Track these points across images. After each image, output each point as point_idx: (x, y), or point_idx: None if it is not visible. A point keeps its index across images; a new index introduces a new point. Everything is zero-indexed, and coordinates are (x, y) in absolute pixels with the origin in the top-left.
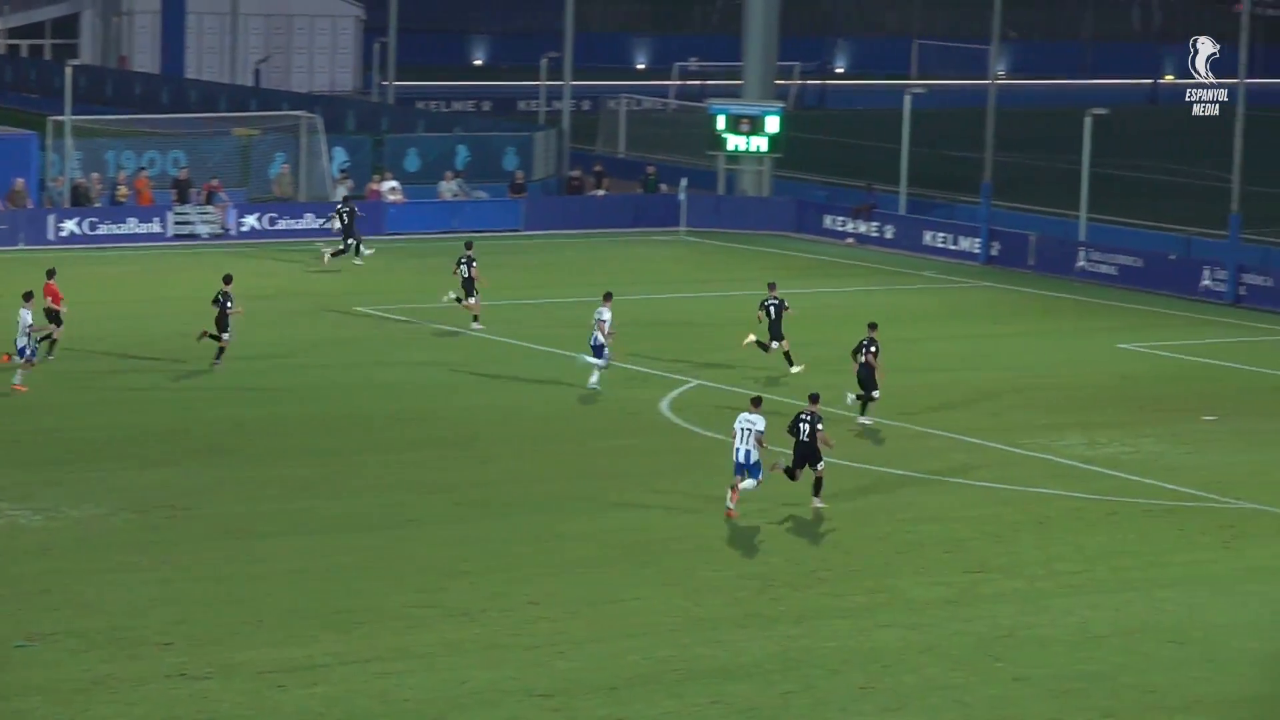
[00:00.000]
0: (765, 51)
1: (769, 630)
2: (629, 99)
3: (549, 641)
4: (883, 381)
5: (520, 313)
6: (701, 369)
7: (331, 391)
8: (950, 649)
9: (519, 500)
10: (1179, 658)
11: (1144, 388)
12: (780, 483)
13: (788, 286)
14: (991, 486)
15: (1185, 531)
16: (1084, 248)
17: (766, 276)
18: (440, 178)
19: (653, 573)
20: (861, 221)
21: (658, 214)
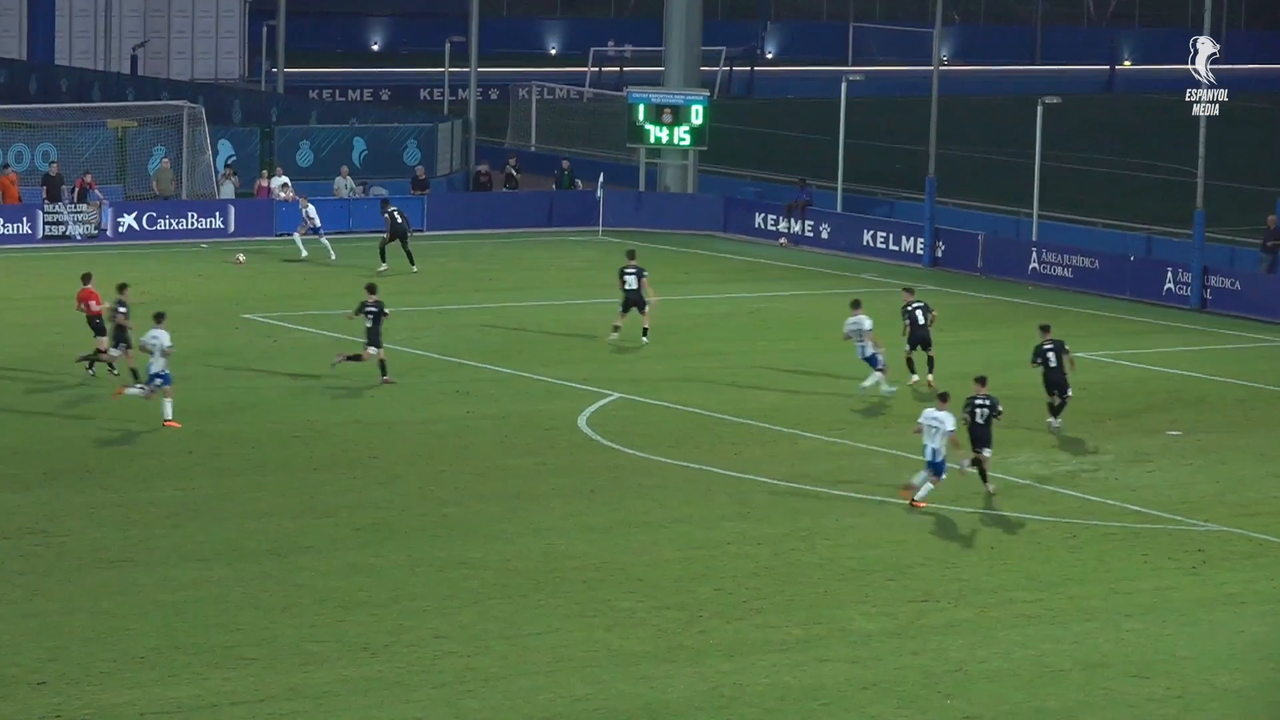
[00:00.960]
0: (688, 36)
1: (697, 665)
2: (541, 87)
3: (457, 679)
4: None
5: (423, 320)
6: (623, 381)
7: (216, 407)
8: (896, 685)
9: (423, 525)
10: (1143, 693)
11: (1103, 400)
12: (716, 503)
13: (715, 290)
14: (938, 508)
15: (1149, 556)
16: (1036, 248)
17: (693, 279)
18: (335, 173)
19: (568, 603)
20: (795, 220)
21: (573, 212)
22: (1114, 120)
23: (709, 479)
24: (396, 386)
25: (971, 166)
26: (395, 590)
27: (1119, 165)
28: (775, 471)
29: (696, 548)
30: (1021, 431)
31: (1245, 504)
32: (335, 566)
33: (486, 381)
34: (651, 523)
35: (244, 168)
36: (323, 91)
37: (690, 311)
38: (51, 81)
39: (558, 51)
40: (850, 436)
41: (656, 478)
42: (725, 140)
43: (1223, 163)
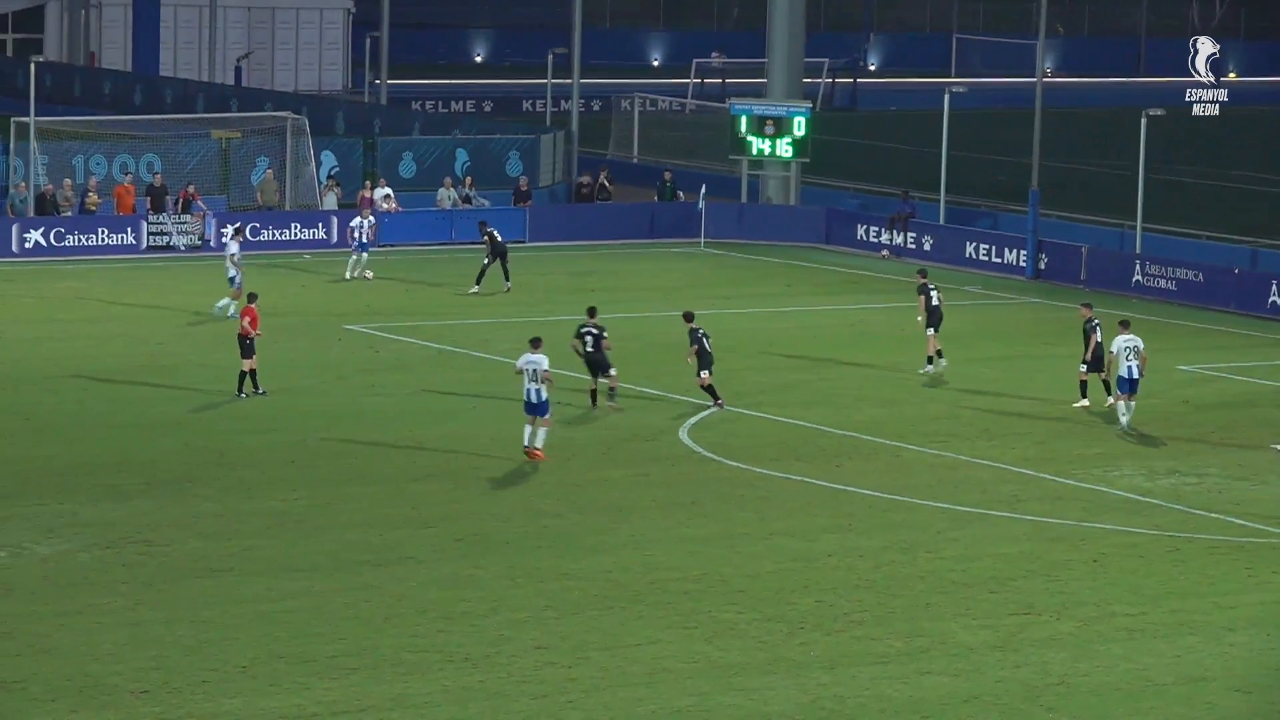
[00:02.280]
0: (791, 47)
1: (798, 678)
2: (643, 99)
3: (558, 689)
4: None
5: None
6: (724, 393)
7: (318, 417)
8: (997, 698)
9: (524, 536)
10: (1247, 708)
11: (1207, 413)
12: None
13: (817, 303)
14: (1041, 521)
15: (1253, 570)
16: (1140, 261)
17: (796, 291)
18: (438, 184)
19: (669, 615)
20: (898, 232)
21: (675, 224)
22: (1219, 131)
23: (810, 491)
24: (496, 398)
25: (1075, 178)
26: (496, 601)
27: (1224, 177)
28: (876, 484)
29: (797, 560)
30: (1124, 443)
31: None
32: (436, 577)
33: (586, 394)
34: (752, 534)
35: (346, 179)
36: (425, 103)
37: (791, 323)
38: (156, 93)
39: (660, 63)
40: (951, 449)
41: (757, 490)
42: (828, 152)
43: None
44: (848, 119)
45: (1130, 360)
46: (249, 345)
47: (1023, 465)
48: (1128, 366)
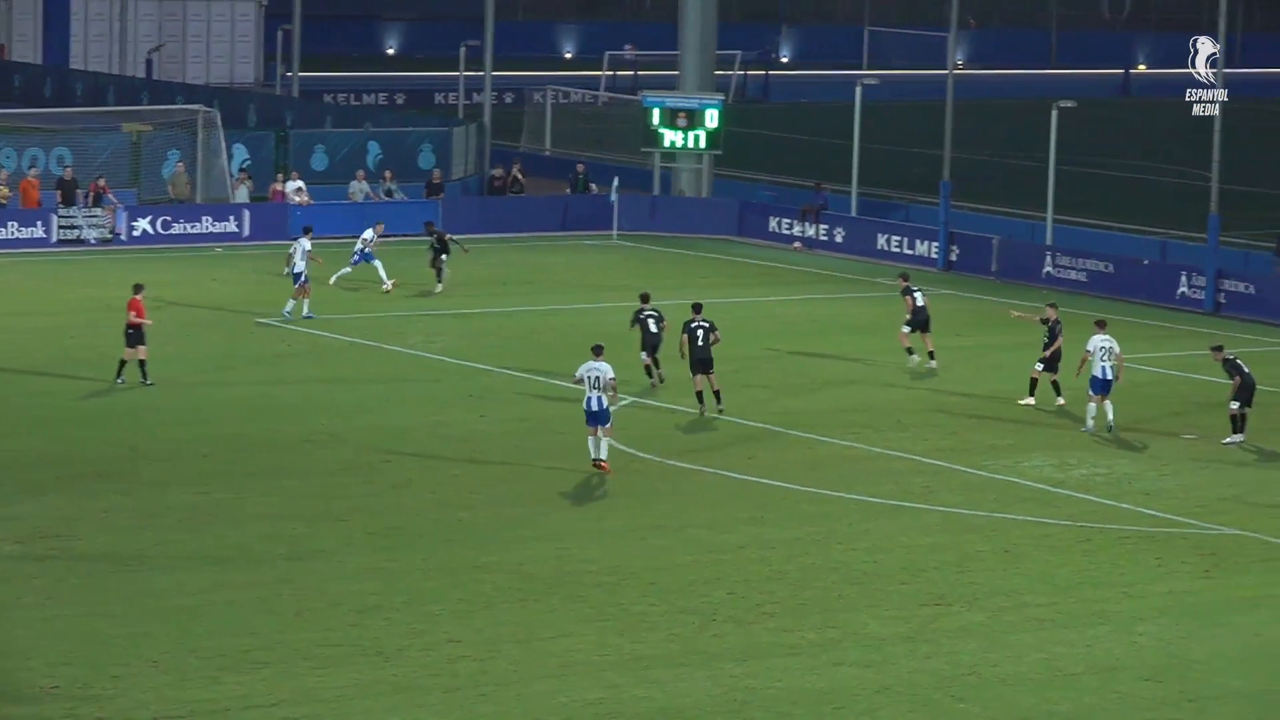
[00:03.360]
0: (703, 39)
1: (711, 669)
2: (556, 91)
3: (471, 682)
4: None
5: (436, 324)
6: (638, 386)
7: (231, 411)
8: (909, 689)
9: (438, 529)
10: (1157, 697)
11: (1117, 404)
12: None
13: (729, 295)
14: (953, 512)
15: (1163, 560)
16: (1051, 252)
17: (707, 284)
18: (351, 177)
19: (582, 607)
20: (810, 224)
21: (588, 216)
22: (1129, 124)
23: (723, 483)
24: (411, 391)
25: (986, 170)
26: (409, 594)
27: (1134, 169)
28: (789, 476)
29: (710, 552)
30: (1036, 434)
31: (1260, 507)
32: (349, 571)
33: (501, 385)
34: (666, 527)
35: (258, 172)
36: (338, 95)
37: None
38: (66, 86)
39: (572, 55)
40: (865, 441)
41: (670, 482)
42: (740, 144)
43: (1236, 167)
44: (760, 111)
45: (1104, 361)
46: (136, 335)
47: (935, 456)
48: (1102, 367)
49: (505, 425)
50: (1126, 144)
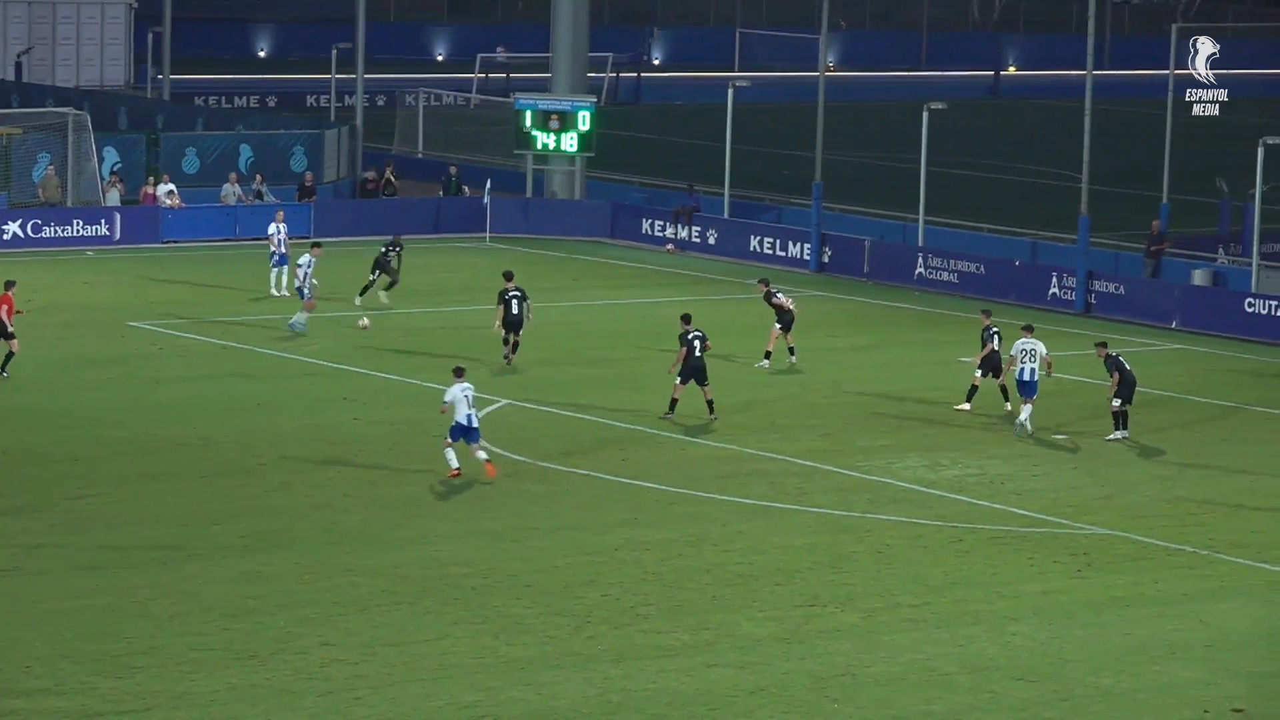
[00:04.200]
0: (575, 41)
1: (586, 671)
2: (428, 93)
3: (345, 686)
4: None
5: (312, 327)
6: (512, 388)
7: (104, 415)
8: (783, 690)
9: (313, 532)
10: (1029, 697)
11: (989, 404)
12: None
13: (603, 297)
14: (826, 513)
15: (1035, 560)
16: (922, 253)
17: (580, 285)
18: (223, 180)
19: (457, 610)
20: (682, 226)
21: (461, 218)
22: (1000, 125)
23: (597, 485)
24: (285, 394)
25: (858, 172)
26: (284, 598)
27: (1004, 170)
28: (663, 477)
29: (585, 554)
30: (909, 435)
31: (1130, 507)
32: (224, 574)
33: (375, 388)
34: (540, 529)
35: (130, 175)
36: (209, 98)
37: (578, 318)
38: None
39: (445, 57)
40: (738, 442)
41: (545, 484)
42: (613, 146)
43: (1107, 168)
44: (632, 113)
45: (1026, 363)
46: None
47: (809, 458)
48: (1023, 369)
49: (380, 428)
50: (997, 145)
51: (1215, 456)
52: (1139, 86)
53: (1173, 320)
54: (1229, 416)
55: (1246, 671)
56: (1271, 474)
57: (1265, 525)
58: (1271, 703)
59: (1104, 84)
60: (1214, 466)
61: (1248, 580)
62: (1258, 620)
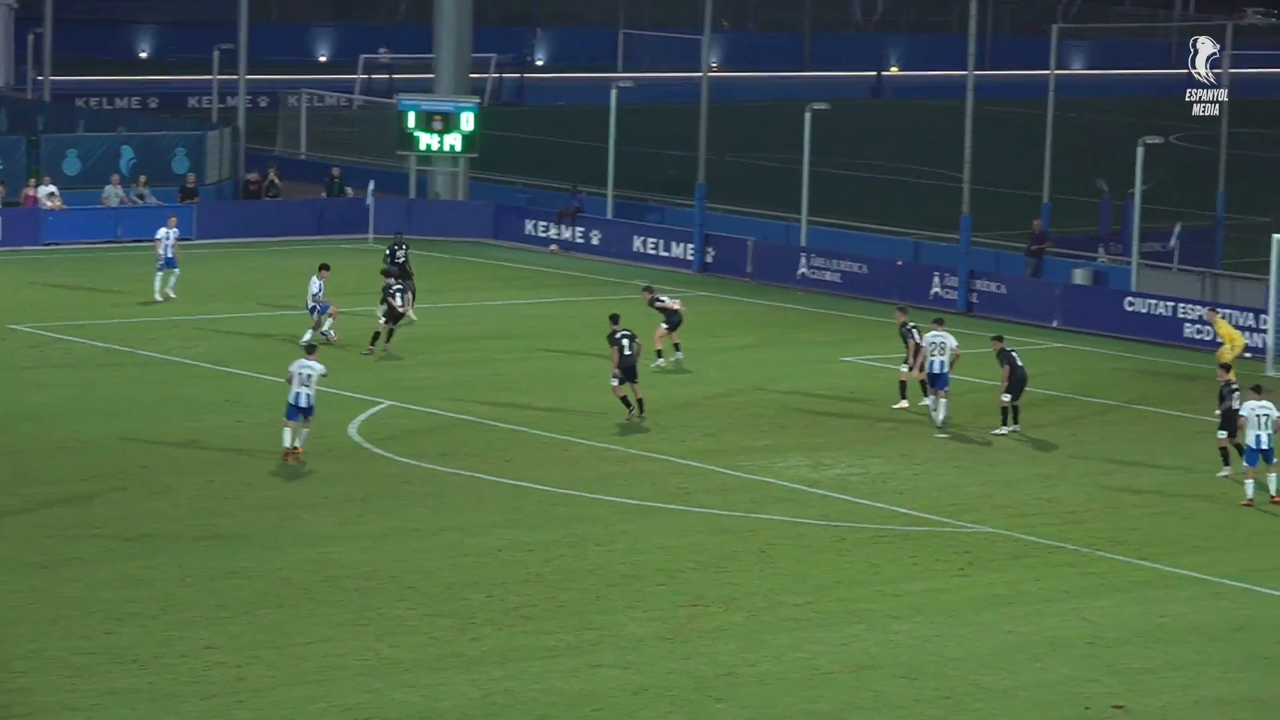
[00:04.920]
0: (458, 42)
1: (469, 673)
2: (310, 95)
3: (228, 690)
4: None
5: (194, 330)
6: (394, 389)
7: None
8: (667, 689)
9: (195, 535)
10: (912, 694)
11: (871, 404)
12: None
13: (486, 298)
14: (709, 513)
15: (918, 559)
16: (805, 254)
17: (464, 286)
18: (105, 181)
19: (341, 612)
20: (566, 226)
21: (343, 220)
22: (882, 125)
23: (481, 486)
24: (166, 397)
25: (742, 172)
26: (165, 601)
27: (887, 171)
28: (546, 478)
29: (468, 555)
30: (790, 435)
31: (1011, 505)
32: (105, 578)
33: (258, 391)
34: (423, 530)
35: (10, 177)
36: (90, 99)
37: (460, 319)
38: None
39: (328, 58)
40: (621, 443)
41: (428, 485)
42: (496, 147)
43: (987, 168)
44: (516, 114)
45: (937, 355)
46: None
47: (691, 458)
48: (933, 362)
49: (262, 430)
50: (879, 145)
51: (1095, 455)
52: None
53: (1054, 319)
54: (1109, 415)
55: (1126, 668)
56: (1150, 472)
57: (1144, 523)
58: (1150, 698)
59: (985, 84)
60: (1094, 465)
61: (1127, 577)
62: (1137, 617)
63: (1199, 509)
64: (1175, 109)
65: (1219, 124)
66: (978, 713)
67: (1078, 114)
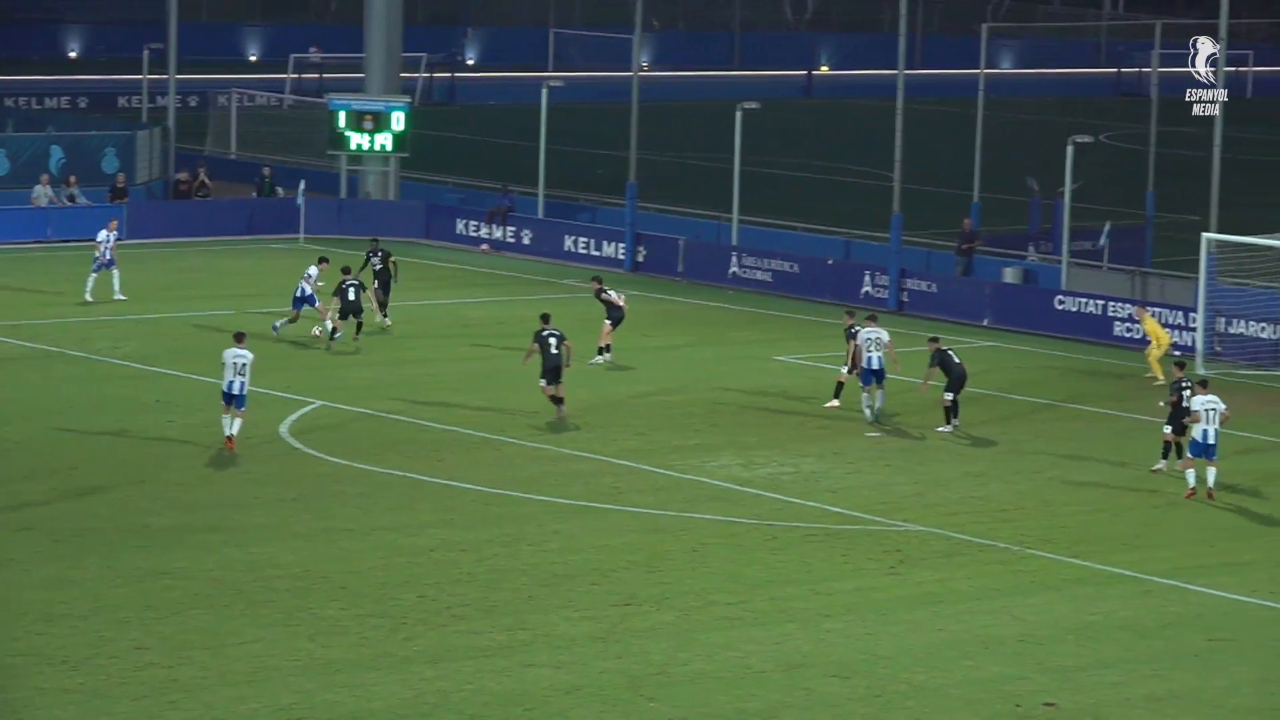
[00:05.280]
0: (389, 42)
1: (401, 673)
2: (241, 94)
3: (159, 690)
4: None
5: (125, 329)
6: (325, 389)
7: None
8: (599, 689)
9: (126, 535)
10: (844, 693)
11: (803, 403)
12: (420, 510)
13: (418, 297)
14: (642, 512)
15: (849, 557)
16: (737, 253)
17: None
18: (34, 181)
19: (272, 612)
20: (497, 226)
21: (274, 220)
22: (813, 124)
23: (413, 486)
24: (97, 397)
25: (673, 172)
26: (96, 602)
27: (818, 170)
28: (478, 478)
29: (400, 555)
30: (722, 434)
31: (943, 504)
32: (35, 579)
33: (189, 391)
34: (355, 530)
35: None
36: (19, 99)
37: (392, 319)
38: None
39: (258, 58)
40: (553, 442)
41: (360, 485)
42: (427, 147)
43: (918, 167)
44: (446, 113)
45: (873, 352)
46: None
47: (624, 457)
48: (870, 358)
49: (193, 430)
50: (810, 144)
51: (1025, 453)
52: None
53: (984, 318)
54: (1039, 413)
55: (1057, 665)
56: (1081, 471)
57: (1074, 521)
58: (1081, 696)
59: (915, 83)
60: (1024, 463)
61: (1057, 575)
62: (1068, 615)
63: (1129, 507)
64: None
65: (1148, 123)
66: (909, 710)
67: (1008, 113)
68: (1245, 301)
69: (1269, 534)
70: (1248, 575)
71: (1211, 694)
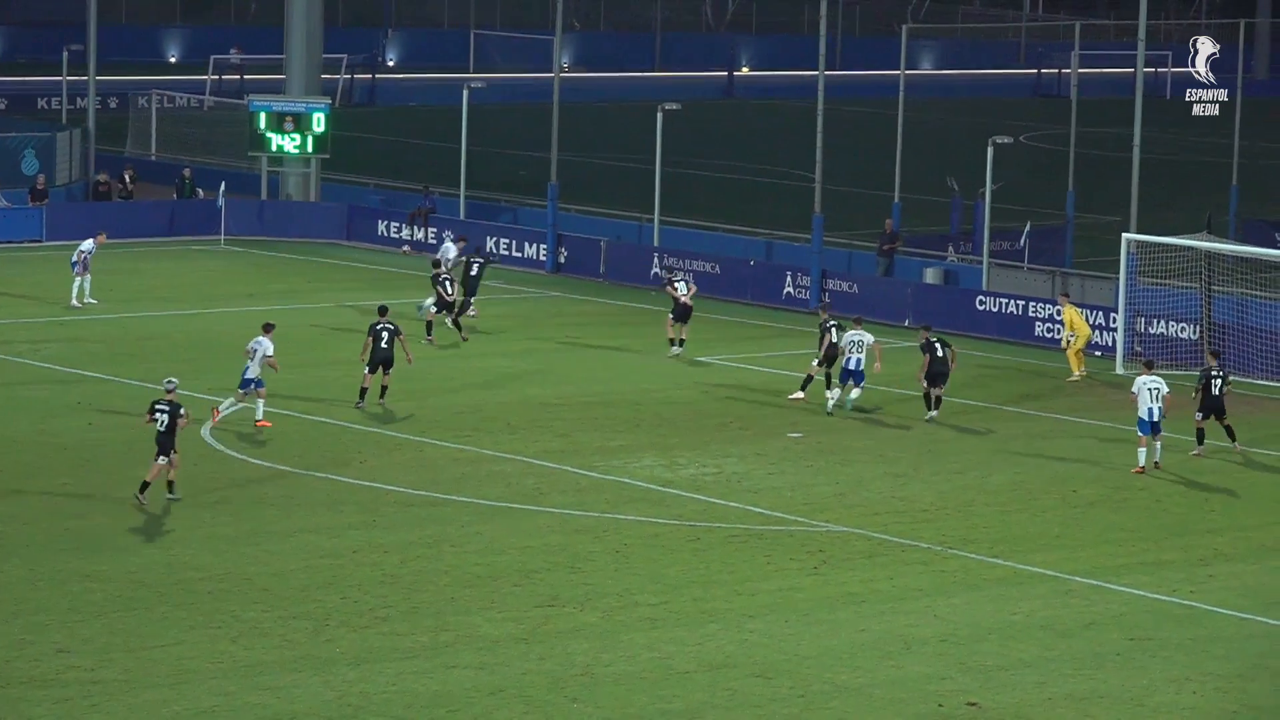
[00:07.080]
0: (309, 43)
1: (324, 674)
2: (161, 95)
3: (81, 693)
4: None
5: (44, 332)
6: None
7: None
8: (522, 690)
9: (47, 537)
10: (767, 693)
11: (724, 404)
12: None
13: (338, 299)
14: (564, 513)
15: (772, 558)
16: (658, 253)
17: (315, 288)
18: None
19: (194, 614)
20: (418, 227)
21: (195, 221)
22: (734, 125)
23: (336, 488)
24: (16, 399)
25: (594, 172)
26: (16, 604)
27: (739, 170)
28: (400, 479)
29: (323, 557)
30: (645, 435)
31: (864, 504)
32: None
33: (109, 394)
34: (277, 532)
35: None
36: None
37: (313, 320)
38: None
39: (178, 59)
40: (475, 443)
41: (282, 487)
42: (348, 148)
43: (838, 167)
44: (367, 115)
45: (854, 353)
46: None
47: (546, 458)
48: (850, 359)
49: (114, 433)
50: (731, 145)
51: (946, 454)
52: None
53: (905, 318)
54: (960, 415)
55: (979, 665)
56: (1000, 471)
57: (994, 522)
58: (1003, 695)
59: (836, 84)
60: (946, 463)
61: (979, 575)
62: (989, 614)
63: (1050, 507)
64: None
65: (1068, 124)
66: (832, 711)
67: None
68: (1165, 301)
69: (1187, 534)
70: (1167, 575)
71: (1133, 693)
